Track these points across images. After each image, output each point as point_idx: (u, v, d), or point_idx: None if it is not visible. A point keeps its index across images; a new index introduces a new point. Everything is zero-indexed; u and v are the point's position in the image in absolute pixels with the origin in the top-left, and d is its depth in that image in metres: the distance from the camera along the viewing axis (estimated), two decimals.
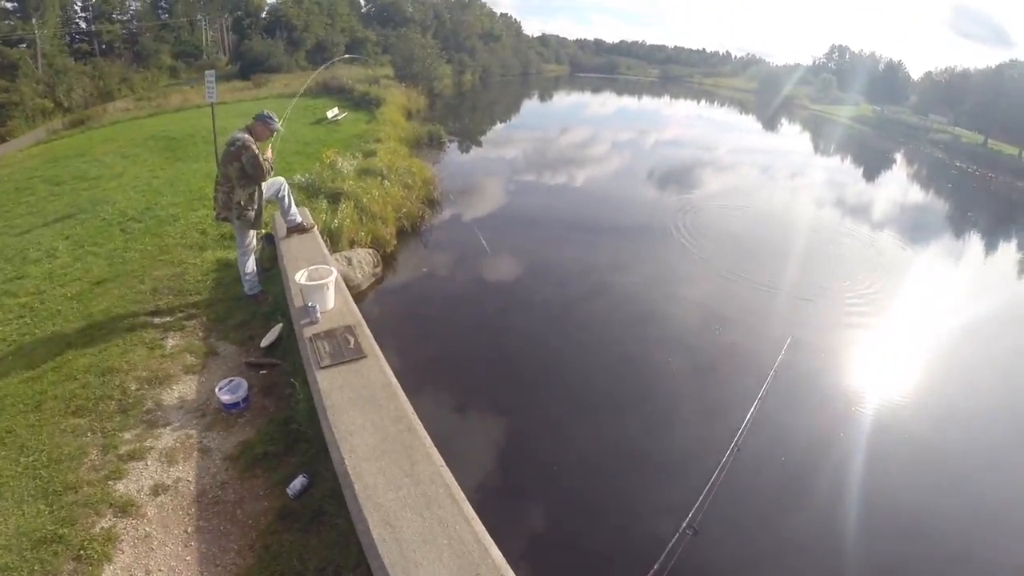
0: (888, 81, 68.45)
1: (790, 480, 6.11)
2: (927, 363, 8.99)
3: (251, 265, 7.12)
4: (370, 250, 9.87)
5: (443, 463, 3.68)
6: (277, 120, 6.72)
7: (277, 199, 7.37)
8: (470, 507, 3.36)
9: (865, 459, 6.42)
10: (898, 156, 38.01)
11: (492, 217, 14.65)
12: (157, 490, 4.50)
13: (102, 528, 4.15)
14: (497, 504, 5.26)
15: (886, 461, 6.47)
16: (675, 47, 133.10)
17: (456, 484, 3.52)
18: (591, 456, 6.29)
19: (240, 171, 6.48)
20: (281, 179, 7.42)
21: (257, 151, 6.44)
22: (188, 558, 3.99)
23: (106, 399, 5.52)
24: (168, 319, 7.01)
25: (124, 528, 4.17)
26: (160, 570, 3.89)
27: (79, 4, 53.76)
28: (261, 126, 6.63)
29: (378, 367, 4.66)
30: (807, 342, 8.73)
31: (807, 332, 9.02)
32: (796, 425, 6.96)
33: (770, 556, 5.20)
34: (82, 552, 3.94)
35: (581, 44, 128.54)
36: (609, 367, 8.08)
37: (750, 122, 50.94)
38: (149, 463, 4.77)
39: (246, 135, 6.51)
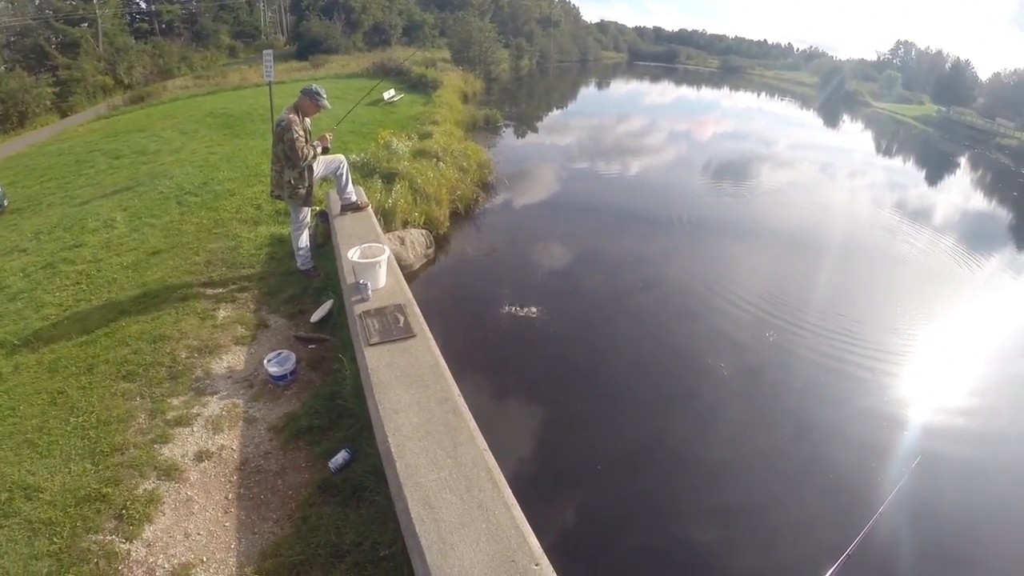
0: (954, 81, 66.26)
1: (820, 495, 5.85)
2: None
3: (304, 240, 7.17)
4: (423, 231, 9.88)
5: (486, 447, 3.64)
6: (324, 95, 6.65)
7: (335, 176, 7.40)
8: (510, 493, 3.31)
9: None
10: (962, 160, 36.39)
11: (545, 203, 14.57)
12: (201, 456, 4.59)
13: (145, 490, 4.24)
14: (536, 492, 5.19)
15: None
16: (736, 37, 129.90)
17: (498, 469, 3.47)
18: (633, 452, 6.17)
19: (285, 151, 6.52)
20: (341, 157, 7.42)
21: (297, 134, 6.40)
22: (227, 524, 4.05)
23: (156, 365, 5.65)
24: (220, 291, 7.15)
25: (166, 491, 4.26)
26: (199, 534, 3.96)
27: None
28: (307, 101, 6.59)
29: (426, 347, 4.63)
30: (859, 352, 8.39)
31: (855, 347, 8.63)
32: (846, 444, 6.64)
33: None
34: (124, 512, 4.04)
35: (640, 32, 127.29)
36: (657, 361, 7.92)
37: (811, 117, 49.44)
38: (195, 429, 4.87)
39: (291, 115, 6.48)
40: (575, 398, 6.95)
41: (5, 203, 13.70)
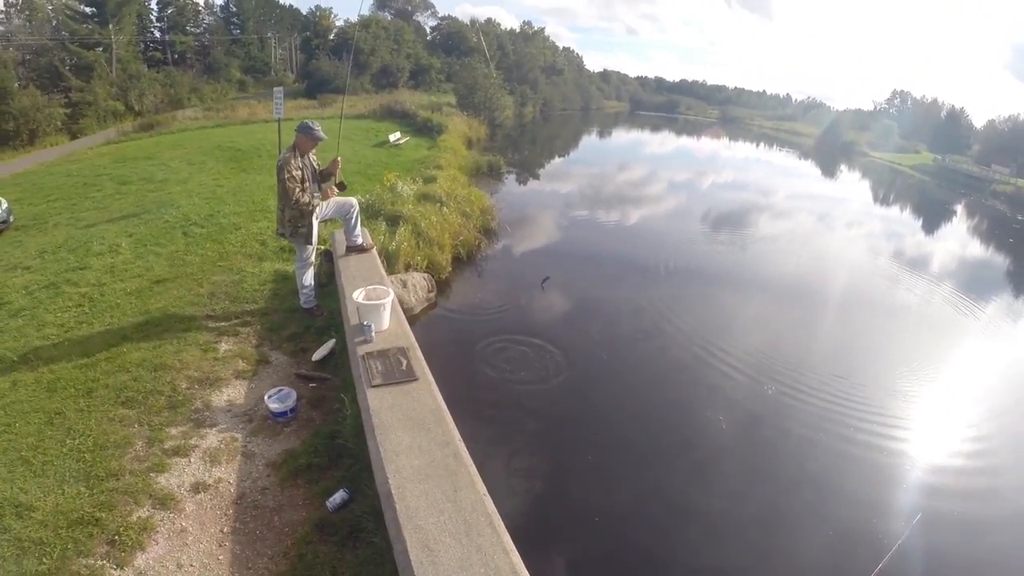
0: (950, 129, 66.90)
1: (818, 551, 5.86)
2: None
3: (309, 279, 7.28)
4: (425, 275, 9.98)
5: (486, 492, 3.68)
6: (318, 127, 6.80)
7: (344, 218, 7.54)
8: (509, 539, 3.34)
9: None
10: (958, 208, 36.90)
11: (546, 250, 14.73)
12: (198, 488, 4.60)
13: (139, 517, 4.25)
14: (534, 539, 5.17)
15: None
16: (736, 88, 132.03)
17: (497, 514, 3.51)
18: (630, 502, 6.19)
19: (282, 190, 6.67)
20: (353, 201, 7.58)
21: (289, 175, 6.54)
22: (221, 557, 4.05)
23: (156, 394, 5.69)
24: (223, 324, 7.22)
25: (161, 520, 4.27)
26: (192, 565, 3.96)
27: (155, 14, 56.87)
28: (302, 137, 6.74)
29: (428, 391, 4.70)
30: (859, 395, 8.47)
31: (854, 392, 8.70)
32: (845, 501, 6.67)
33: None
34: (117, 537, 4.05)
35: (642, 81, 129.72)
36: (654, 411, 7.95)
37: (809, 167, 50.02)
38: (192, 460, 4.89)
39: (287, 154, 6.65)
40: (573, 446, 6.96)
41: (11, 219, 13.83)
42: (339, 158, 7.27)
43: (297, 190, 6.59)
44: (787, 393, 8.48)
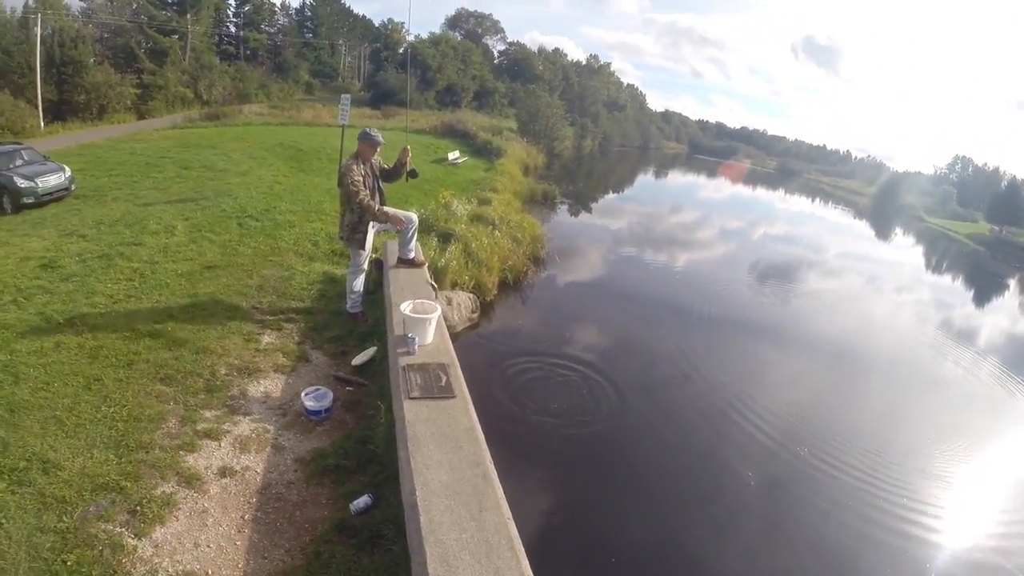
0: (1009, 200, 64.81)
1: None
2: None
3: (359, 284, 7.36)
4: (471, 295, 10.01)
5: (510, 516, 3.65)
6: (376, 132, 6.98)
7: (400, 232, 7.62)
8: (528, 565, 3.30)
9: None
10: (1011, 282, 35.75)
11: (591, 284, 14.71)
12: (224, 472, 4.64)
13: (163, 492, 4.31)
14: (551, 570, 5.12)
15: None
16: (795, 140, 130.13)
17: (519, 540, 3.47)
18: (648, 548, 6.06)
19: (345, 195, 6.83)
20: (414, 216, 7.71)
21: (353, 179, 6.73)
22: (238, 543, 4.05)
23: (195, 375, 5.79)
24: (268, 317, 7.33)
25: (184, 498, 4.31)
26: (209, 546, 3.97)
27: (232, 9, 59.00)
28: (363, 145, 6.95)
29: (464, 409, 4.68)
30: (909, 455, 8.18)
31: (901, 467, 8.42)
32: None
33: None
34: (138, 508, 4.10)
35: (703, 125, 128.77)
36: (680, 460, 7.80)
37: (863, 227, 48.88)
38: (223, 445, 4.94)
39: (351, 162, 6.87)
40: (596, 483, 6.90)
41: (72, 187, 14.30)
42: (407, 146, 7.38)
43: (361, 192, 6.74)
44: (814, 461, 8.19)
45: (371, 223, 7.05)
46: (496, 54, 77.40)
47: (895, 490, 7.84)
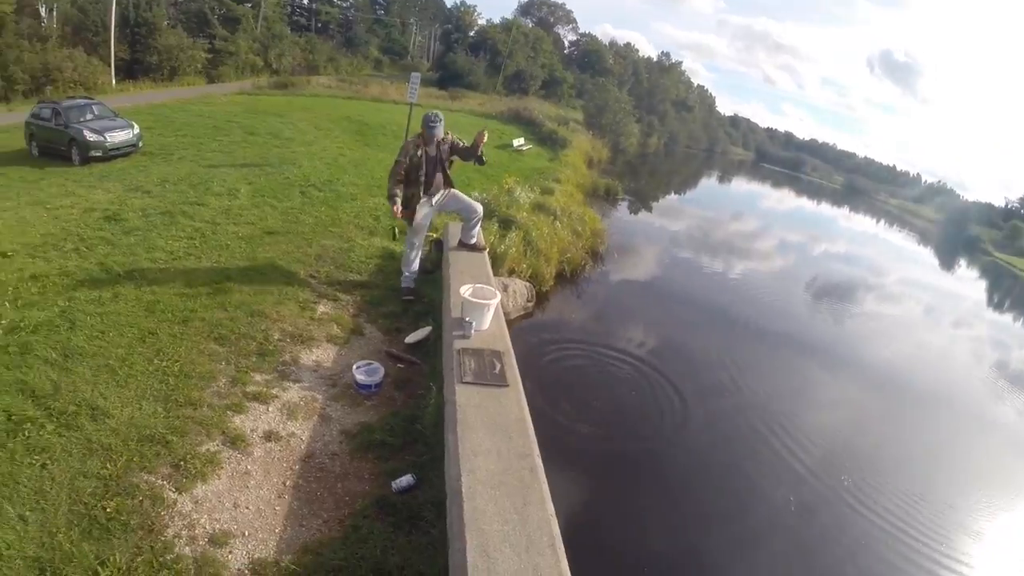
0: None
1: None
2: None
3: (416, 263, 7.33)
4: (527, 284, 9.89)
5: (553, 513, 3.56)
6: (435, 121, 6.87)
7: (464, 216, 7.59)
8: (567, 566, 3.21)
9: None
10: None
11: (646, 285, 14.52)
12: (270, 436, 4.64)
13: (208, 450, 4.34)
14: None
15: None
16: (865, 158, 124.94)
17: (560, 538, 3.38)
18: (671, 559, 5.95)
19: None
20: (480, 208, 7.69)
21: (399, 159, 6.87)
22: (277, 508, 4.04)
23: (248, 338, 5.82)
24: (325, 287, 7.32)
25: (228, 458, 4.33)
26: (248, 508, 3.98)
27: None
28: (424, 129, 6.92)
29: (516, 399, 4.58)
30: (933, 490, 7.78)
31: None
32: None
33: None
34: (182, 463, 4.14)
35: (771, 134, 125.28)
36: (712, 473, 7.58)
37: (926, 255, 47.48)
38: (270, 409, 4.94)
39: (414, 139, 6.95)
40: (635, 490, 6.75)
41: (140, 144, 14.65)
42: (485, 130, 7.31)
43: (393, 176, 6.89)
44: (847, 496, 7.82)
45: (420, 201, 7.05)
46: (567, 44, 76.82)
47: (930, 543, 7.39)
